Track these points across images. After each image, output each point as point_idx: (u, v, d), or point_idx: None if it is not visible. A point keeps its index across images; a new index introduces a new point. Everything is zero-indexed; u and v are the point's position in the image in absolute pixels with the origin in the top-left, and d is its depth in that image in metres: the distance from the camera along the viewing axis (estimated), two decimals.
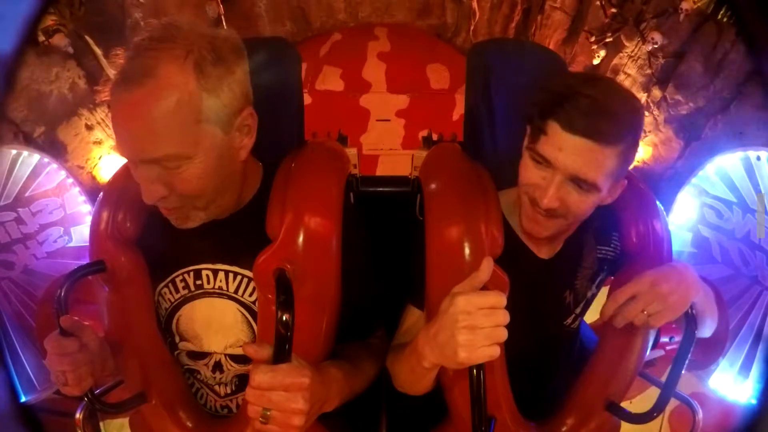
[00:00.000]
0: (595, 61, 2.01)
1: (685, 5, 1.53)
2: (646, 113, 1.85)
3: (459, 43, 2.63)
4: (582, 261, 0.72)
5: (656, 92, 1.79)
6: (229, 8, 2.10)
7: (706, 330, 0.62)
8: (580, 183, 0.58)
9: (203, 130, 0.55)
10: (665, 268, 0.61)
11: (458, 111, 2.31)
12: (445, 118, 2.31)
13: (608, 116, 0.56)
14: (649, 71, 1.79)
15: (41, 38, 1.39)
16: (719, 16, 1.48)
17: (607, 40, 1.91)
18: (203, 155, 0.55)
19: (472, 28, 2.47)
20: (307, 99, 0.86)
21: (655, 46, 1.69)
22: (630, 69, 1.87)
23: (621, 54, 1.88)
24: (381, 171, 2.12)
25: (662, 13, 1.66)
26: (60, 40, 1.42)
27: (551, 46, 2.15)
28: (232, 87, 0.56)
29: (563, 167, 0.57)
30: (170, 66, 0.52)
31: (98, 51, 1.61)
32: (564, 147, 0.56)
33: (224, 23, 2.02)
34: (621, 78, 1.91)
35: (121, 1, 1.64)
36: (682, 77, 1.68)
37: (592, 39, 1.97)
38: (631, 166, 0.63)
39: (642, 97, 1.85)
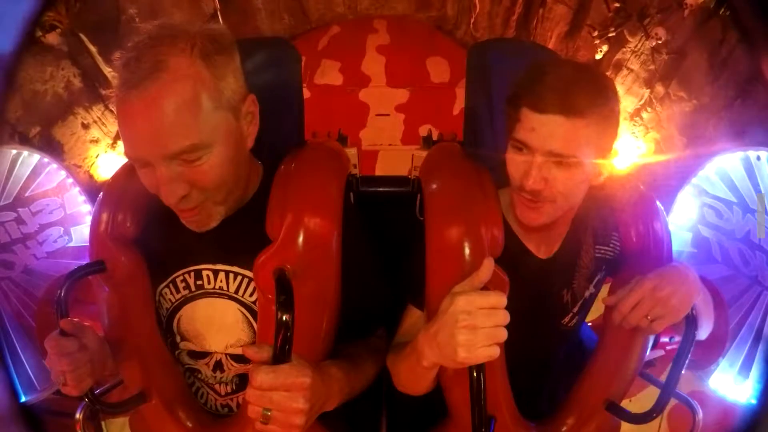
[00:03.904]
0: (598, 56, 1.99)
1: (689, 0, 1.51)
2: (649, 109, 1.84)
3: (459, 36, 2.60)
4: (579, 261, 0.72)
5: (659, 88, 1.78)
6: (225, 3, 2.07)
7: (702, 332, 0.62)
8: (560, 159, 0.59)
9: (220, 116, 0.55)
10: (666, 270, 0.61)
11: (459, 105, 2.28)
12: (445, 112, 2.29)
13: (575, 90, 0.57)
14: (652, 67, 1.77)
15: (38, 33, 1.37)
16: (723, 12, 1.46)
17: (610, 34, 1.89)
18: (222, 143, 0.56)
19: (472, 20, 2.44)
20: (306, 93, 0.85)
21: (659, 41, 1.67)
22: (633, 64, 1.85)
23: (624, 49, 1.86)
24: (380, 167, 2.11)
25: (666, 9, 1.64)
26: (54, 39, 1.41)
27: (553, 40, 2.12)
28: (236, 74, 0.58)
29: (539, 146, 0.58)
30: (179, 58, 0.53)
31: (93, 49, 1.60)
32: (536, 127, 0.58)
33: (221, 18, 1.99)
34: (624, 73, 1.90)
35: None
36: (685, 74, 1.66)
37: (595, 33, 1.94)
38: (632, 164, 0.63)
39: (645, 93, 1.84)
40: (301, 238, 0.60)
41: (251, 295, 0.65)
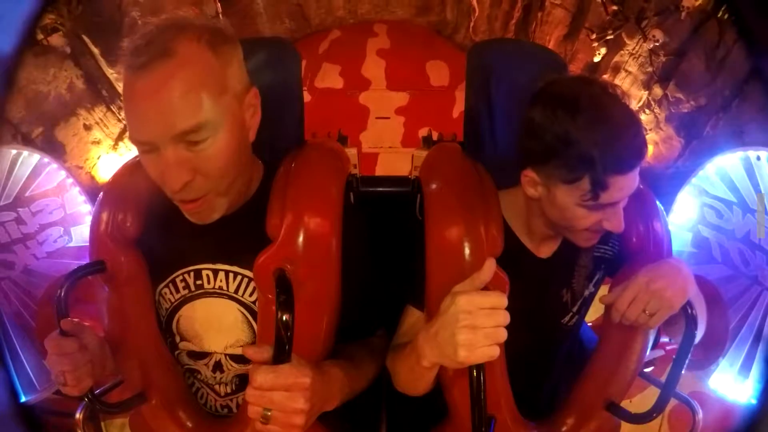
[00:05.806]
0: (596, 59, 2.00)
1: (686, 3, 1.52)
2: (647, 111, 1.85)
3: (459, 40, 2.62)
4: (578, 260, 0.73)
5: (657, 90, 1.79)
6: (227, 6, 2.09)
7: (697, 332, 0.63)
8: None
9: (225, 102, 0.56)
10: (658, 264, 0.62)
11: (458, 108, 2.30)
12: (445, 115, 2.31)
13: (641, 137, 0.59)
14: (650, 69, 1.78)
15: (40, 36, 1.38)
16: (720, 14, 1.47)
17: (608, 37, 1.91)
18: (227, 128, 0.57)
19: (471, 24, 2.46)
20: (307, 97, 0.85)
21: (657, 43, 1.68)
22: (631, 66, 1.87)
23: (622, 51, 1.88)
24: (380, 169, 2.12)
25: (664, 11, 1.65)
26: (57, 40, 1.41)
27: (552, 43, 2.14)
28: (240, 66, 0.59)
29: (626, 196, 0.61)
30: (188, 44, 0.54)
31: (95, 50, 1.61)
32: (624, 186, 0.59)
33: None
34: (622, 75, 1.91)
35: (118, 1, 1.63)
36: (683, 75, 1.67)
37: (593, 36, 1.96)
38: None
39: (643, 95, 1.85)
40: (301, 238, 0.60)
41: (251, 295, 0.65)
